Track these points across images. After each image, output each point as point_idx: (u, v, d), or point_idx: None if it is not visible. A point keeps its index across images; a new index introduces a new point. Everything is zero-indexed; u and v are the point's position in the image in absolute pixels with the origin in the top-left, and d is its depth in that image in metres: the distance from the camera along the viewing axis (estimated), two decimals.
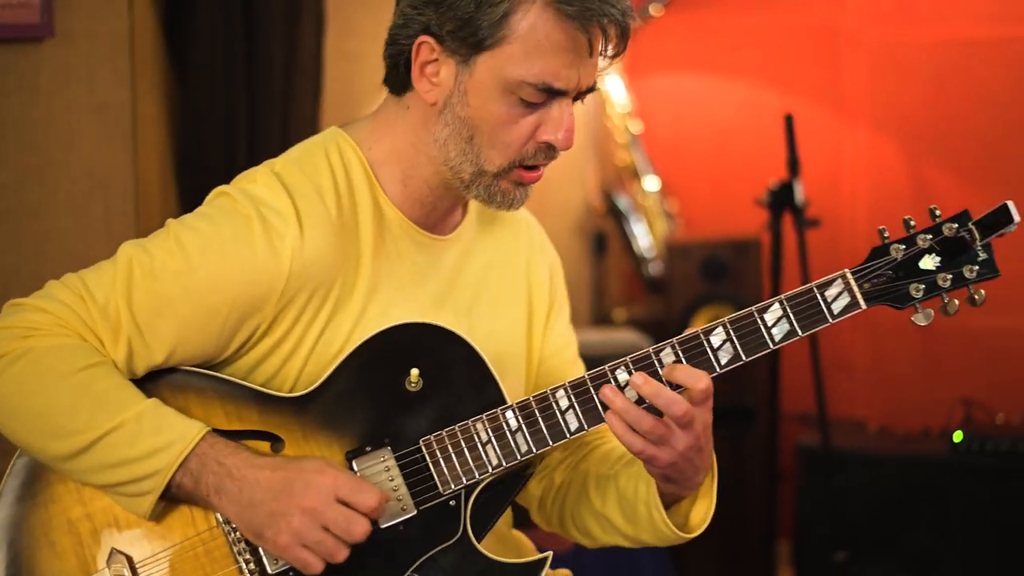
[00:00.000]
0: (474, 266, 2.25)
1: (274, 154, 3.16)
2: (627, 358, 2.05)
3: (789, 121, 3.99)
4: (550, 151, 2.09)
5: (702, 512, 2.16)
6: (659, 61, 4.96)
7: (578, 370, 2.32)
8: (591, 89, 2.10)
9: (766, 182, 4.07)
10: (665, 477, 2.06)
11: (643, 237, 4.75)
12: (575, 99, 2.09)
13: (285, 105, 3.44)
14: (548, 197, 4.56)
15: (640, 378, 2.00)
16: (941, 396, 4.43)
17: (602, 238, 4.76)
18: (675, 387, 2.00)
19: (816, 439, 4.13)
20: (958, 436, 4.11)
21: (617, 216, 4.76)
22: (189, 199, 3.25)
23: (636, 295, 4.90)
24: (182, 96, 3.26)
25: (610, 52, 2.08)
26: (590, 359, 2.37)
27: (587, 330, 4.03)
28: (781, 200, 3.95)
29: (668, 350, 2.03)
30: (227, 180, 3.04)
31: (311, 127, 3.50)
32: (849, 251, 4.63)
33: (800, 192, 3.95)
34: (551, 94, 2.05)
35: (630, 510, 2.17)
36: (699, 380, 1.99)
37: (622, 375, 2.03)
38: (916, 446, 4.26)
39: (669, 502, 2.13)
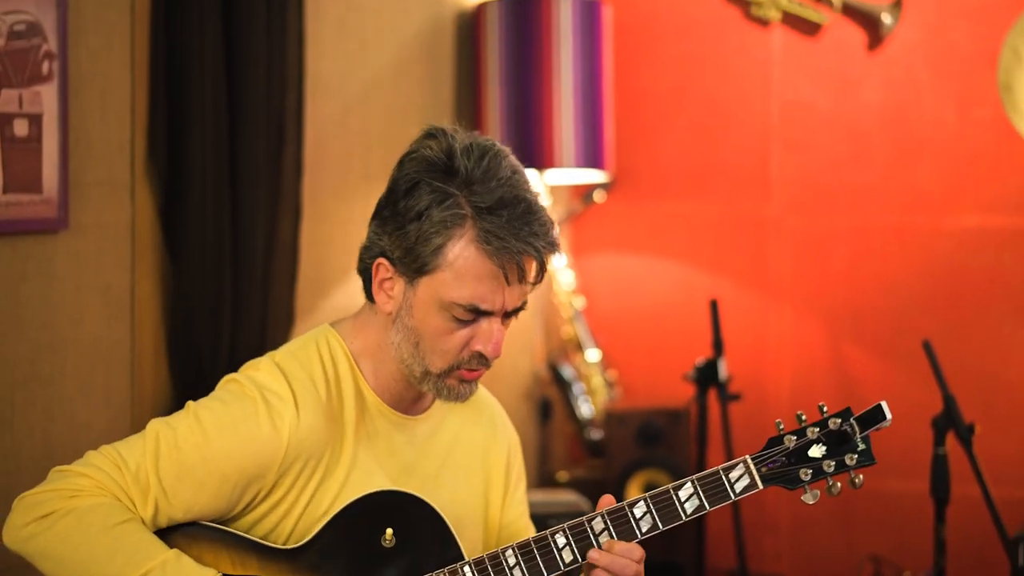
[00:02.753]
0: (441, 441, 2.60)
1: (254, 328, 3.49)
2: (564, 525, 2.41)
3: (714, 306, 4.30)
4: (483, 359, 2.45)
5: None
6: (601, 242, 5.23)
7: (532, 532, 2.66)
8: (520, 308, 2.45)
9: (696, 356, 4.36)
10: None
11: (585, 404, 5.01)
12: (507, 316, 2.44)
13: (265, 284, 3.67)
14: (499, 366, 4.67)
15: (596, 552, 2.36)
16: (854, 553, 4.73)
17: (548, 404, 5.03)
18: None
19: None
20: None
21: (562, 384, 5.04)
22: (178, 369, 3.49)
23: (578, 458, 5.13)
24: (175, 277, 3.47)
25: (531, 280, 2.42)
26: (535, 516, 2.74)
27: (533, 490, 4.20)
28: (706, 376, 4.27)
29: (598, 519, 2.40)
30: (212, 351, 3.35)
31: (287, 304, 3.76)
32: (772, 421, 4.83)
33: (723, 369, 4.25)
34: (479, 313, 2.40)
35: None
36: (634, 552, 2.37)
37: (560, 538, 2.40)
38: None
39: None
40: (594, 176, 4.94)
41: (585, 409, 5.02)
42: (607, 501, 2.43)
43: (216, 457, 2.39)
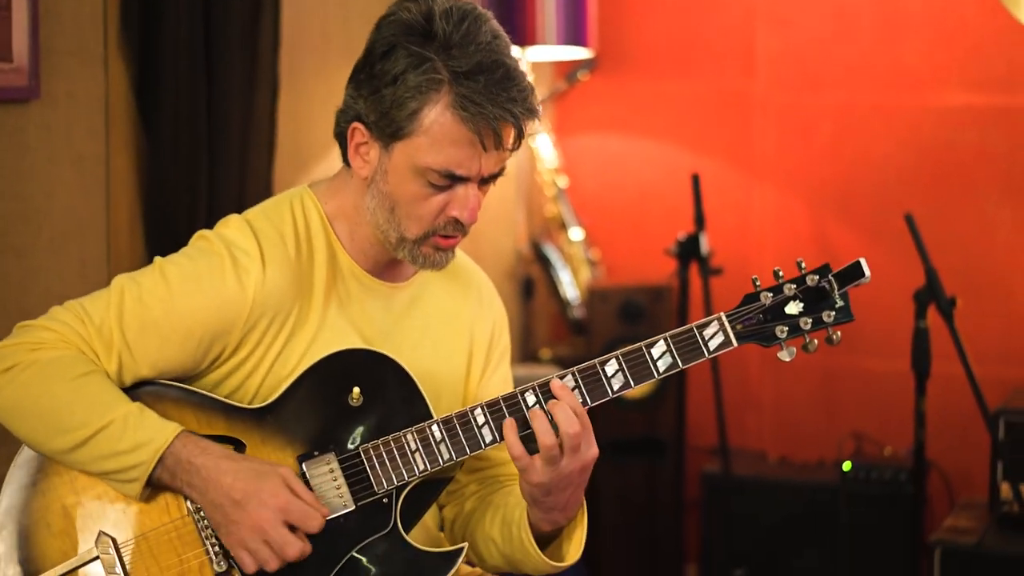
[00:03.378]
0: (421, 312, 2.59)
1: (231, 203, 3.48)
2: (534, 383, 2.40)
3: (696, 180, 4.28)
4: (459, 225, 2.43)
5: (574, 550, 2.48)
6: (585, 122, 5.21)
7: None
8: (498, 175, 2.43)
9: (679, 233, 4.35)
10: (532, 498, 2.39)
11: (568, 283, 5.00)
12: (484, 182, 2.43)
13: (242, 158, 3.65)
14: (481, 245, 4.80)
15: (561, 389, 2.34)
16: (836, 431, 4.76)
17: (530, 283, 5.03)
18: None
19: (720, 468, 4.46)
20: (847, 466, 4.45)
21: (544, 263, 5.02)
22: (154, 242, 3.47)
23: (561, 336, 5.15)
24: (150, 150, 3.45)
25: (509, 147, 2.39)
26: None
27: (516, 367, 4.21)
28: (688, 250, 4.26)
29: (569, 377, 2.38)
30: (189, 225, 3.35)
31: (265, 179, 3.74)
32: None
33: (705, 243, 4.24)
34: (455, 179, 2.38)
35: (507, 531, 2.51)
36: (571, 425, 2.32)
37: (530, 397, 2.39)
38: (810, 475, 4.60)
39: (547, 535, 2.46)
40: (577, 53, 4.89)
41: (568, 287, 5.01)
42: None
43: (181, 312, 2.39)
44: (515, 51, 4.85)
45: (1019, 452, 4.02)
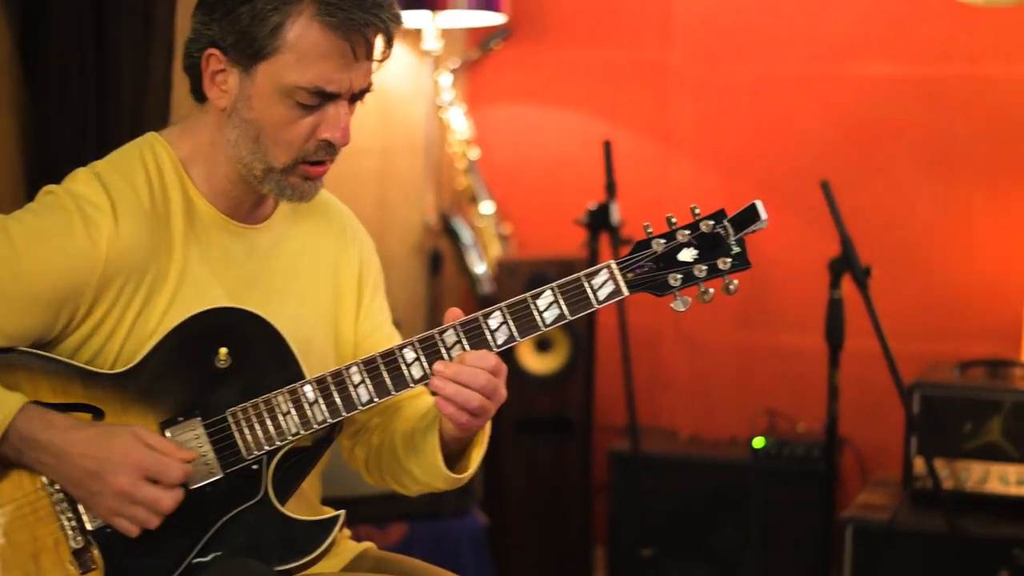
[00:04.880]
0: (285, 253, 2.45)
1: None
2: (414, 338, 2.27)
3: (607, 147, 4.18)
4: (330, 148, 2.31)
5: (477, 456, 2.40)
6: (498, 92, 5.10)
7: (396, 342, 2.47)
8: (366, 90, 2.31)
9: (588, 203, 4.25)
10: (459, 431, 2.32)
11: (477, 257, 4.89)
12: (353, 100, 2.31)
13: (135, 122, 3.49)
14: (389, 218, 4.69)
15: (441, 364, 2.23)
16: (749, 407, 4.67)
17: (439, 258, 4.88)
18: None
19: (628, 446, 4.36)
20: (759, 442, 4.37)
21: (454, 237, 4.90)
22: None
23: (470, 311, 5.00)
24: (35, 113, 3.34)
25: (377, 57, 2.29)
26: None
27: None
28: (598, 220, 4.16)
29: (450, 331, 2.26)
30: None
31: None
32: None
33: (616, 213, 4.15)
34: (325, 97, 2.26)
35: (425, 462, 2.40)
36: (487, 359, 2.23)
37: (409, 353, 2.26)
38: (722, 452, 4.52)
39: (453, 447, 2.37)
40: (490, 19, 4.79)
41: (477, 262, 4.90)
42: (454, 315, 2.29)
43: (27, 273, 2.23)
44: (425, 16, 4.75)
45: (933, 427, 3.95)
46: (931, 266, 4.65)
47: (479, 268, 4.89)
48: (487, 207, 4.94)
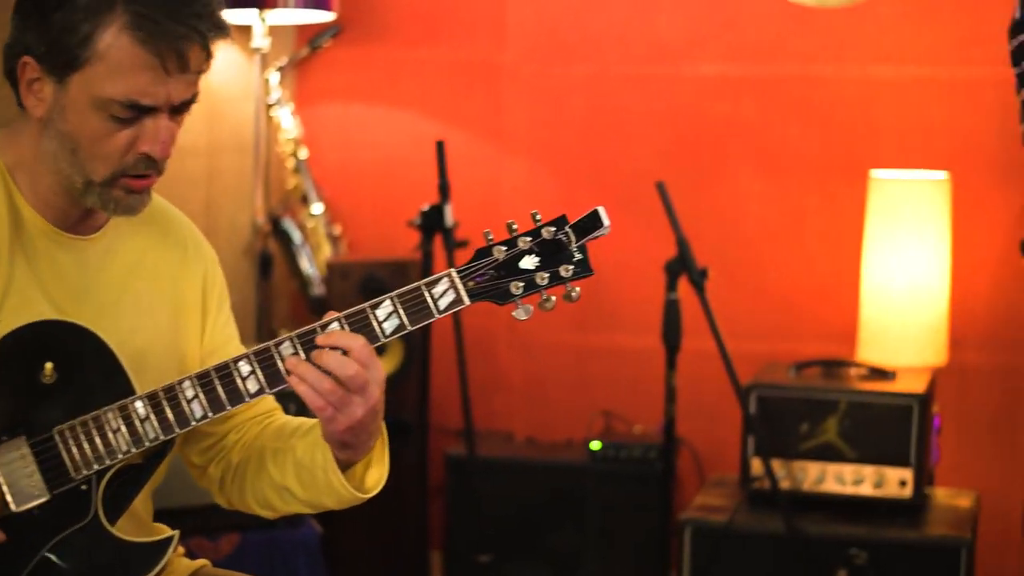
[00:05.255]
0: (119, 265, 2.32)
1: None
2: (249, 351, 2.18)
3: (440, 147, 4.11)
4: (151, 162, 2.18)
5: (376, 476, 2.30)
6: (328, 90, 5.00)
7: None
8: (191, 101, 2.19)
9: (422, 205, 4.17)
10: (342, 443, 2.20)
11: (308, 259, 4.79)
12: (176, 111, 2.18)
13: None
14: (217, 219, 4.57)
15: (294, 360, 2.14)
16: (585, 409, 4.64)
17: (268, 260, 4.75)
18: None
19: (465, 450, 4.28)
20: (596, 445, 4.35)
21: (284, 239, 4.79)
22: None
23: (301, 315, 4.93)
24: None
25: (195, 69, 2.16)
26: None
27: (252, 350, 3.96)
28: (431, 222, 4.09)
29: (287, 343, 2.16)
30: None
31: None
32: None
33: (450, 215, 4.09)
34: (141, 110, 2.13)
35: (308, 477, 2.29)
36: (355, 340, 2.14)
37: (244, 366, 2.17)
38: (559, 455, 4.48)
39: (344, 467, 2.26)
40: (319, 17, 4.69)
41: (308, 264, 4.80)
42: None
43: None
44: (252, 14, 4.63)
45: (770, 427, 3.96)
46: (765, 266, 4.67)
47: (310, 270, 4.78)
48: (317, 208, 4.84)
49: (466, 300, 2.17)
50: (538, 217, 2.21)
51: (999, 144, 4.41)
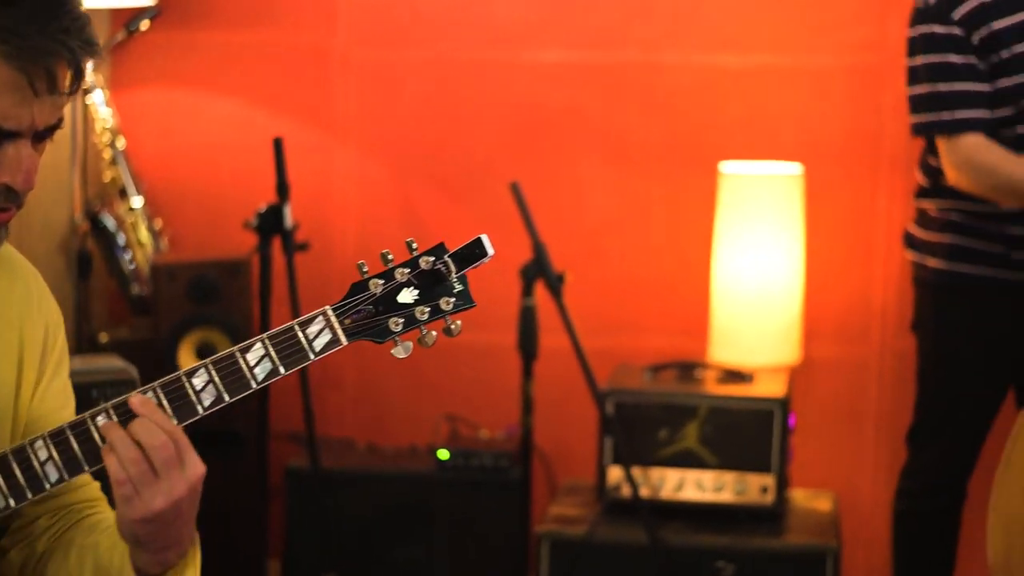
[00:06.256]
0: None
1: None
2: (107, 405, 1.94)
3: (278, 145, 3.90)
4: (10, 193, 1.93)
5: None
6: (146, 76, 4.73)
7: None
8: (55, 127, 1.95)
9: (257, 203, 3.96)
10: (135, 539, 1.93)
11: (129, 257, 4.53)
12: (39, 138, 1.95)
13: None
14: (30, 216, 4.27)
15: (108, 424, 1.91)
16: (428, 412, 4.45)
17: (86, 258, 4.43)
18: None
19: (305, 460, 4.09)
20: (443, 454, 4.14)
21: (102, 236, 4.51)
22: None
23: (122, 317, 4.67)
24: None
25: (64, 89, 1.93)
26: (77, 386, 2.24)
27: (72, 357, 3.69)
28: (270, 224, 3.88)
29: (150, 394, 1.94)
30: None
31: None
32: (339, 271, 4.55)
33: (289, 217, 3.88)
34: (3, 136, 1.90)
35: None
36: (155, 437, 1.89)
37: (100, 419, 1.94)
38: (404, 463, 4.27)
39: None
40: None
41: (128, 262, 4.52)
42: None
43: None
44: None
45: (629, 433, 3.84)
46: (609, 260, 4.53)
47: (130, 268, 4.52)
48: (137, 201, 4.55)
49: (343, 340, 2.00)
50: (414, 245, 2.02)
51: (848, 134, 4.35)
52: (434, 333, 2.02)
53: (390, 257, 2.01)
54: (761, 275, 4.10)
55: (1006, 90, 3.57)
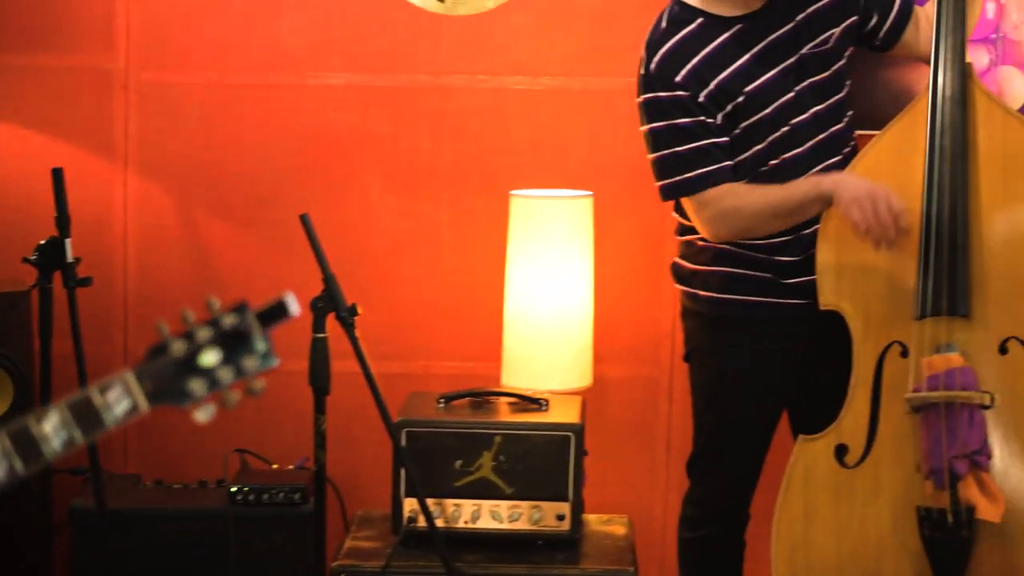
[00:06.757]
0: None
1: None
2: None
3: (57, 175, 3.78)
4: None
5: None
6: None
7: None
8: None
9: (33, 233, 3.85)
10: None
11: None
12: None
13: None
14: None
15: None
16: (216, 447, 4.30)
17: None
18: None
19: (90, 499, 3.96)
20: (234, 488, 4.05)
21: None
22: None
23: None
24: None
25: None
26: None
27: None
28: (50, 258, 3.76)
29: None
30: None
31: None
32: (121, 304, 4.43)
33: (70, 251, 3.76)
34: None
35: None
36: None
37: None
38: (194, 500, 4.15)
39: None
40: None
41: None
42: None
43: None
44: None
45: (423, 463, 3.81)
46: (401, 285, 4.50)
47: None
48: None
49: (144, 406, 1.95)
50: (215, 305, 1.97)
51: (637, 158, 4.35)
52: (236, 394, 1.98)
53: (191, 318, 1.97)
54: (552, 300, 4.10)
55: (751, 127, 3.61)
